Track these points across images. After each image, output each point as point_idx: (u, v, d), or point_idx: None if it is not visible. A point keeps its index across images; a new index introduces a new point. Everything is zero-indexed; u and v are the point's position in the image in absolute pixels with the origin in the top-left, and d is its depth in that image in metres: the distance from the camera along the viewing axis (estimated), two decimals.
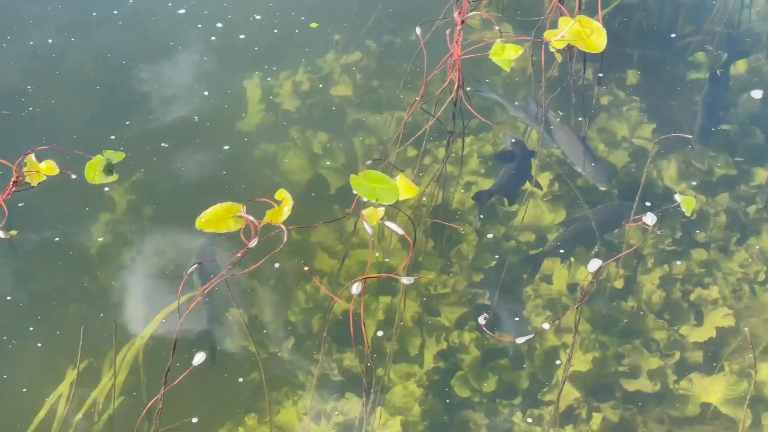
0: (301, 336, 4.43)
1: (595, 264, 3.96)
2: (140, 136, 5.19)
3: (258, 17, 5.81)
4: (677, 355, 4.40)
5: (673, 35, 5.75)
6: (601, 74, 5.39)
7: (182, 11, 5.88)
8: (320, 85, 5.46)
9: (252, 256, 4.20)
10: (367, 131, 5.22)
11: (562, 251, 4.65)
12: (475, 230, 4.72)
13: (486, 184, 4.98)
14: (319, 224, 4.67)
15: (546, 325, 4.40)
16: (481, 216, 4.81)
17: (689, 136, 5.10)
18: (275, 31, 5.73)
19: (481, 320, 4.22)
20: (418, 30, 4.86)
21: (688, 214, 4.65)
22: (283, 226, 4.21)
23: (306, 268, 4.49)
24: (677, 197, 4.66)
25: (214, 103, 5.39)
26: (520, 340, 3.94)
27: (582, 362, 4.34)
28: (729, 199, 4.94)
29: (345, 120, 5.31)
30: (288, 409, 4.21)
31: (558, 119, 5.07)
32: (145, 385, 4.23)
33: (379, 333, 4.41)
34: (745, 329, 4.31)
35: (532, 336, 4.10)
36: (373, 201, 4.34)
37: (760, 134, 5.22)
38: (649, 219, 4.28)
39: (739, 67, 5.51)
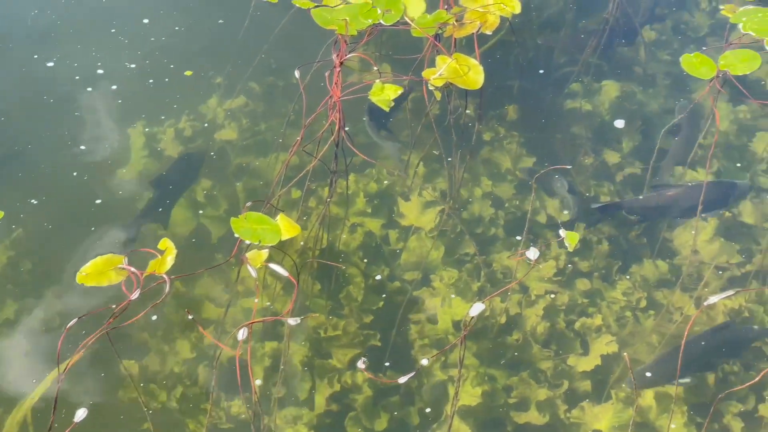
0: (189, 385, 4.45)
1: (477, 308, 4.07)
2: (16, 192, 5.16)
3: (133, 66, 5.82)
4: (565, 385, 4.53)
5: (546, 69, 5.92)
6: (479, 110, 5.53)
7: (50, 64, 5.87)
8: (204, 130, 5.50)
9: (137, 308, 4.23)
10: (250, 175, 5.26)
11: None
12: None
13: (372, 224, 5.08)
14: (203, 271, 4.69)
15: (425, 361, 4.49)
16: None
17: (569, 167, 5.28)
18: (150, 81, 5.75)
19: (360, 365, 4.33)
20: (296, 73, 4.94)
21: (571, 249, 4.81)
22: (165, 276, 4.24)
23: (190, 317, 4.52)
24: (561, 232, 4.82)
25: (95, 155, 5.38)
26: (402, 380, 4.02)
27: (471, 396, 4.44)
28: (610, 227, 5.12)
29: (228, 164, 5.36)
30: None
31: None
32: None
33: (267, 379, 4.46)
34: (624, 354, 4.46)
35: (413, 374, 4.18)
36: (255, 243, 4.39)
37: (638, 164, 5.42)
38: (532, 254, 4.43)
39: (611, 93, 5.73)
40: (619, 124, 5.53)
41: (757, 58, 5.04)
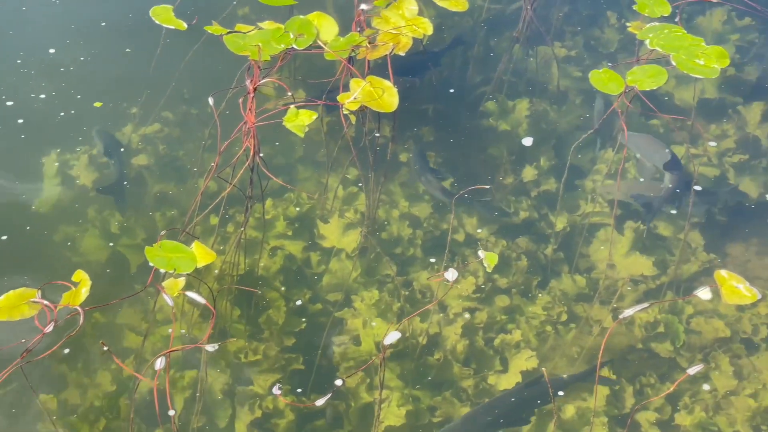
0: (111, 418, 4.43)
1: (392, 336, 4.14)
2: None
3: (42, 96, 5.79)
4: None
5: (459, 89, 6.01)
6: (394, 132, 5.60)
7: None
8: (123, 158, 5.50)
9: (55, 341, 4.22)
10: (167, 203, 5.26)
11: None
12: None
13: (293, 247, 5.11)
14: (117, 301, 4.68)
15: (339, 382, 4.52)
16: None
17: (487, 187, 5.37)
18: (61, 113, 5.72)
19: (276, 390, 4.37)
20: (210, 100, 4.95)
21: (489, 270, 4.89)
22: (79, 308, 4.22)
23: (105, 348, 4.50)
24: (480, 253, 4.89)
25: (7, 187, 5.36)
26: (319, 402, 4.05)
27: (396, 417, 4.48)
28: (529, 242, 5.21)
29: (146, 192, 5.36)
30: None
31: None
32: None
33: (188, 408, 4.45)
34: (543, 369, 4.54)
35: (329, 396, 4.22)
36: (170, 271, 4.39)
37: (554, 182, 5.53)
38: (450, 275, 4.50)
39: (523, 111, 5.84)
40: (527, 142, 5.63)
41: (664, 73, 5.18)
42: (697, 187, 5.37)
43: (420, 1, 5.67)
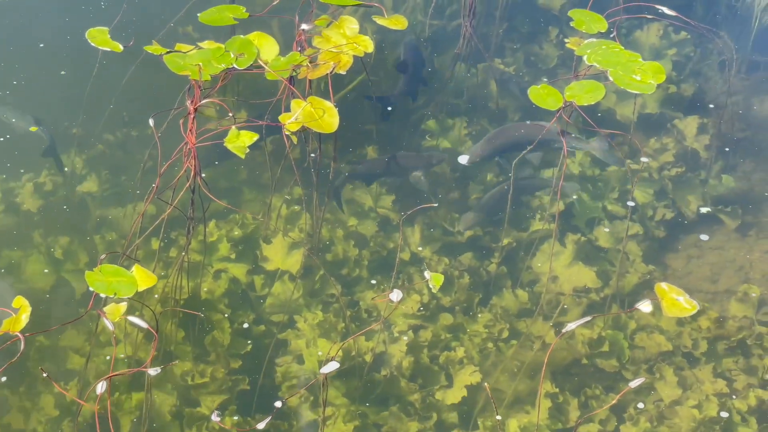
0: None
1: (331, 366, 4.21)
2: None
3: None
4: (434, 417, 4.66)
5: (400, 107, 6.09)
6: (335, 152, 5.62)
7: None
8: (64, 183, 5.51)
9: None
10: (108, 227, 5.28)
11: None
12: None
13: (237, 270, 5.15)
14: (58, 327, 4.69)
15: (278, 403, 4.54)
16: None
17: (435, 204, 5.45)
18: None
19: (215, 417, 4.41)
20: (151, 121, 4.96)
21: (435, 290, 4.98)
22: (20, 335, 4.22)
23: (45, 374, 4.50)
24: (426, 274, 4.96)
25: None
26: (260, 425, 4.09)
27: None
28: (472, 258, 5.29)
29: (88, 217, 5.37)
30: None
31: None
32: None
33: (134, 430, 4.47)
34: (485, 384, 4.61)
35: (269, 418, 4.27)
36: (111, 295, 4.40)
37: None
38: (395, 296, 4.56)
39: (462, 129, 5.94)
40: (463, 159, 5.72)
41: (601, 88, 5.28)
42: (630, 203, 5.52)
43: (360, 20, 5.74)
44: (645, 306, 4.59)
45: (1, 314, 4.33)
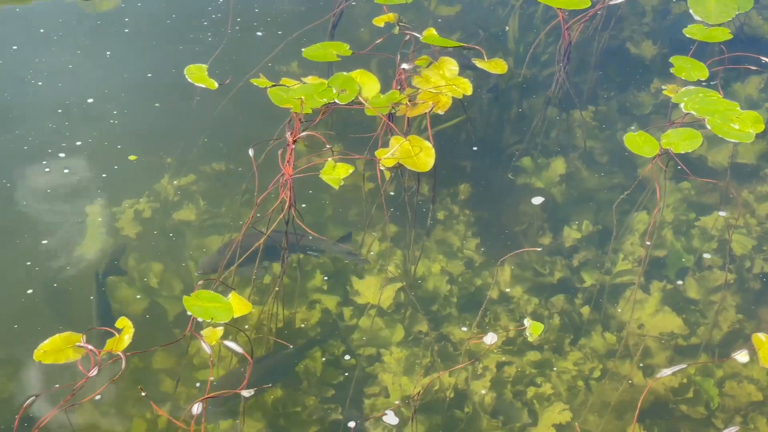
0: None
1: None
2: None
3: (78, 143, 6.01)
4: None
5: (496, 148, 6.23)
6: (432, 192, 5.78)
7: None
8: (161, 211, 5.70)
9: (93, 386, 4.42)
10: (205, 253, 5.48)
11: None
12: None
13: (328, 300, 5.30)
14: (157, 348, 4.86)
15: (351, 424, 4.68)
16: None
17: (538, 249, 5.55)
18: (102, 162, 5.95)
19: None
20: (251, 151, 5.18)
21: (531, 339, 5.06)
22: (121, 354, 4.42)
23: (143, 393, 4.68)
24: (525, 322, 5.06)
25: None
26: None
27: None
28: (564, 301, 5.39)
29: (185, 242, 5.56)
30: None
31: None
32: None
33: None
34: (576, 424, 4.69)
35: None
36: (208, 320, 4.59)
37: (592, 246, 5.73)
38: (489, 339, 4.68)
39: (557, 170, 6.02)
40: (537, 201, 5.81)
41: (698, 136, 5.37)
42: (706, 255, 5.57)
43: (459, 62, 5.91)
44: (742, 356, 4.63)
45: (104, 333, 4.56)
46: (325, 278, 5.34)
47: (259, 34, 6.87)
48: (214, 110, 6.06)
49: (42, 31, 7.01)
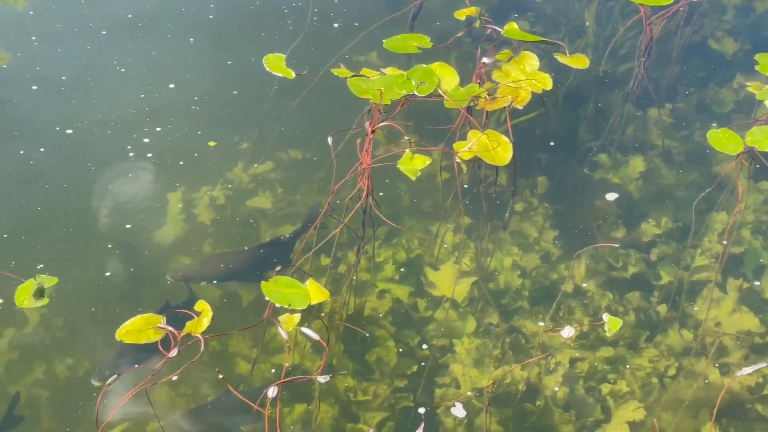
0: None
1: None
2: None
3: (158, 129, 6.14)
4: None
5: (573, 143, 6.23)
6: (513, 186, 5.81)
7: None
8: (235, 198, 5.78)
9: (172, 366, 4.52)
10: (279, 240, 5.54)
11: None
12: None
13: (400, 291, 5.35)
14: (236, 332, 4.95)
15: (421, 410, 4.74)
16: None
17: (616, 245, 5.54)
18: (183, 147, 6.05)
19: None
20: (329, 139, 5.25)
21: (609, 334, 5.05)
22: (200, 336, 4.52)
23: (220, 376, 4.78)
24: (604, 317, 5.06)
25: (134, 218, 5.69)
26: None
27: None
28: (639, 298, 5.38)
29: (259, 231, 5.64)
30: None
31: None
32: None
33: None
34: (654, 420, 4.69)
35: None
36: (285, 306, 4.67)
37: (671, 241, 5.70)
38: (566, 332, 4.70)
39: (636, 167, 6.01)
40: (611, 197, 5.82)
41: None
42: None
43: (541, 56, 5.93)
44: None
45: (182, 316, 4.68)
46: (401, 270, 5.40)
47: (336, 25, 6.94)
48: (291, 99, 6.15)
49: (129, 16, 7.15)
